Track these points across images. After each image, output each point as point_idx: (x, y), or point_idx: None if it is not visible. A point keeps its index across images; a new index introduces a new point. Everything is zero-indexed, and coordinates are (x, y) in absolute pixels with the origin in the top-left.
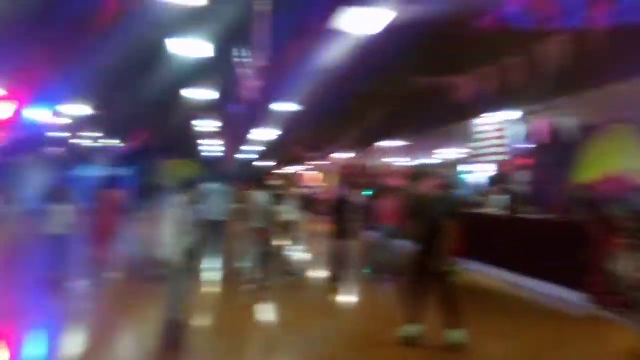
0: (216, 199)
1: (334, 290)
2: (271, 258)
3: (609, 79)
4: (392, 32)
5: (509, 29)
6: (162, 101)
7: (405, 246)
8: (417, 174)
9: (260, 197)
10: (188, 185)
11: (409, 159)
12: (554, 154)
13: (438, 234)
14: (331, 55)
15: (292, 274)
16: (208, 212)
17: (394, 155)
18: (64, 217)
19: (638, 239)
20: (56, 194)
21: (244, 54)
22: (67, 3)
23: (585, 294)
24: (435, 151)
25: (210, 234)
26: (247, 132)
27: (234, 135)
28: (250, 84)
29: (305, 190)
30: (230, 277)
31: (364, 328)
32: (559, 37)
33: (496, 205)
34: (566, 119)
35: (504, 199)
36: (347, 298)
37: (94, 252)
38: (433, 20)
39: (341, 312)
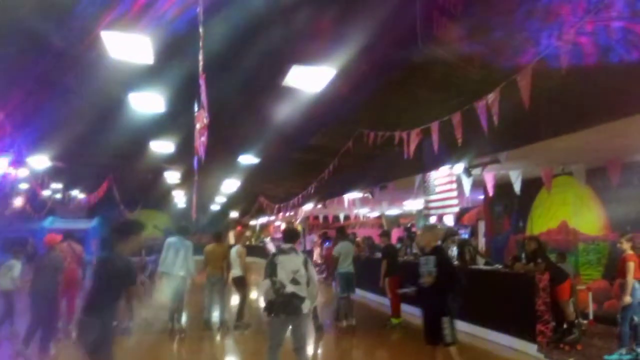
0: (179, 253)
1: None
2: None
3: (550, 133)
4: (337, 87)
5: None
6: (125, 153)
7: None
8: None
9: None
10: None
11: (372, 210)
12: (502, 206)
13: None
14: (283, 111)
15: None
16: (169, 264)
17: (359, 206)
18: (12, 272)
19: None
20: (15, 248)
21: (196, 109)
22: (26, 57)
23: (535, 343)
24: (398, 202)
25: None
26: (213, 183)
27: (199, 186)
28: (202, 138)
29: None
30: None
31: None
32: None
33: (452, 256)
34: (511, 172)
35: (456, 250)
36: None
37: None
38: (377, 76)
39: None
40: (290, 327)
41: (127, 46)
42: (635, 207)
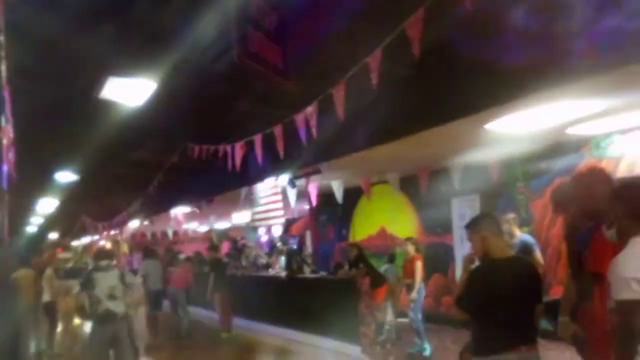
0: None
1: None
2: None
3: (365, 144)
4: (158, 101)
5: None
6: None
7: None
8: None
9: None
10: None
11: (201, 224)
12: (326, 215)
13: None
14: (102, 124)
15: None
16: None
17: (187, 221)
18: None
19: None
20: None
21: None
22: None
23: (359, 345)
24: (226, 215)
25: None
26: (27, 203)
27: (11, 207)
28: (9, 154)
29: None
30: None
31: None
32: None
33: (281, 266)
34: (333, 181)
35: (285, 259)
36: None
37: None
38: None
39: None
40: (112, 349)
41: None
42: (443, 211)
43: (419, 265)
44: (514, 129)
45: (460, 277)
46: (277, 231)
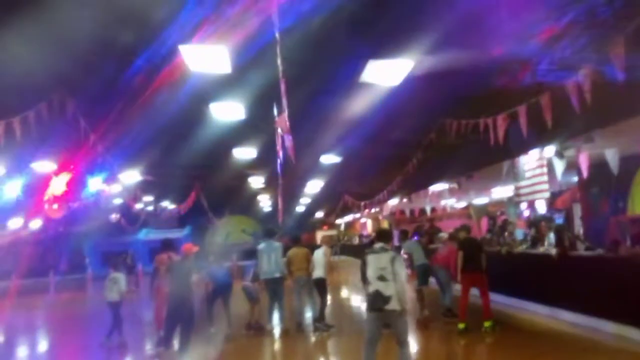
0: (270, 256)
1: None
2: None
3: None
4: (415, 81)
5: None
6: (210, 162)
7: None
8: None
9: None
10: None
11: (459, 200)
12: (599, 187)
13: None
14: (362, 107)
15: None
16: (265, 269)
17: (445, 197)
18: (118, 284)
19: None
20: (114, 261)
21: (277, 113)
22: (111, 73)
23: None
24: (485, 190)
25: (270, 291)
26: (296, 185)
27: (284, 189)
28: (286, 141)
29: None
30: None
31: None
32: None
33: (550, 243)
34: (607, 150)
35: (554, 236)
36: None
37: (157, 315)
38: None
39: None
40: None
41: (205, 58)
42: None
43: None
44: None
45: None
46: (541, 206)
